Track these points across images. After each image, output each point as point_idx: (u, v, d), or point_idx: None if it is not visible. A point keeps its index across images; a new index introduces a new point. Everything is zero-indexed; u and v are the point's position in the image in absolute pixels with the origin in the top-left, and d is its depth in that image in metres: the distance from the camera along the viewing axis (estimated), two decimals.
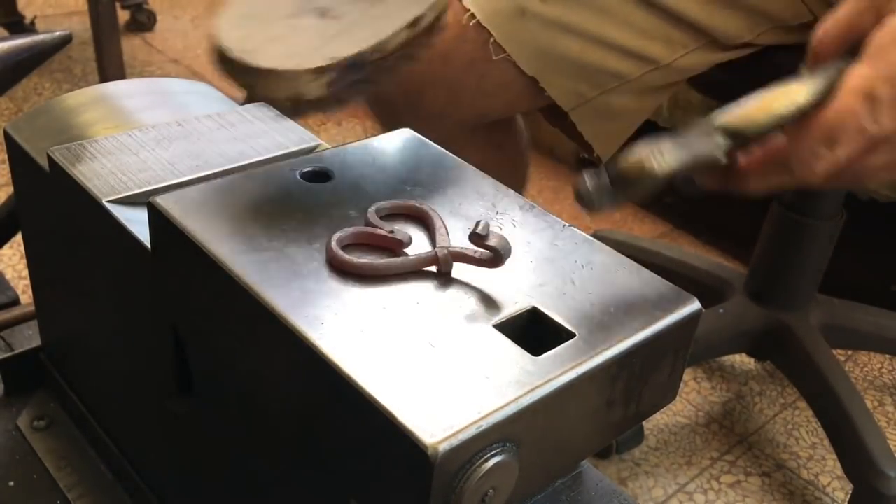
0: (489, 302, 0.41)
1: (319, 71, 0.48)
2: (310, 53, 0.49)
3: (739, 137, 0.45)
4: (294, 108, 0.49)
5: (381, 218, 0.45)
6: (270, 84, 0.49)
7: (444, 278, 0.42)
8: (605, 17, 0.84)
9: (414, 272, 0.42)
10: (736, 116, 0.45)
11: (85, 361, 0.62)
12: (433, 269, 0.42)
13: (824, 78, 0.46)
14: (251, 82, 0.49)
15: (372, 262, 0.42)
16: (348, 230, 0.43)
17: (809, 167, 0.47)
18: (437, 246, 0.43)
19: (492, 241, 0.41)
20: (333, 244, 0.42)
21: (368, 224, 0.44)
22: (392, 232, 0.43)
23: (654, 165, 0.42)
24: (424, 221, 0.46)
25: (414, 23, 0.51)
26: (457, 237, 0.45)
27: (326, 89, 0.48)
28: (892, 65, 0.46)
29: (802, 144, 0.47)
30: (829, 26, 0.50)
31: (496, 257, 0.42)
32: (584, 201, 0.44)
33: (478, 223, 0.41)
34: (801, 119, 0.46)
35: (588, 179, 0.43)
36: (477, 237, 0.41)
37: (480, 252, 0.42)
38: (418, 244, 0.44)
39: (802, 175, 0.48)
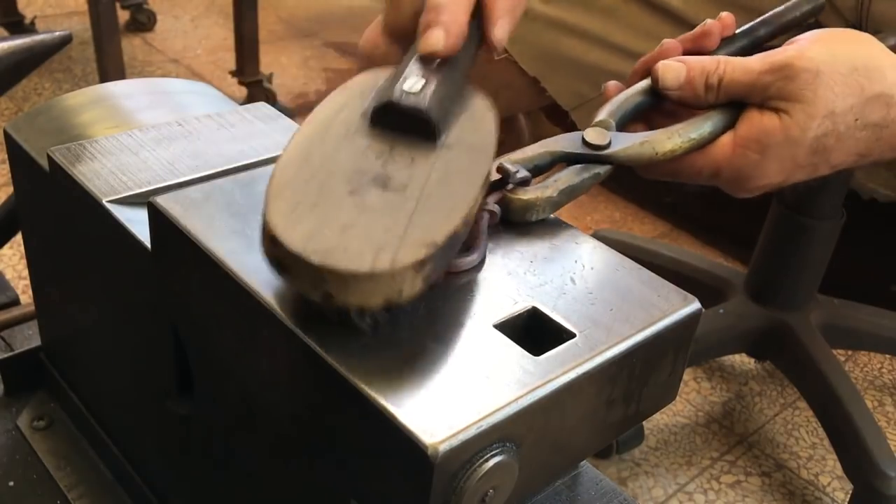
0: (489, 302, 0.41)
1: (420, 265, 0.37)
2: (398, 242, 0.38)
3: (619, 166, 0.53)
4: (382, 311, 0.38)
5: None
6: (364, 289, 0.37)
7: (445, 278, 0.42)
8: (607, 17, 0.84)
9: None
10: (627, 154, 0.53)
11: (85, 361, 0.62)
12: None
13: (709, 128, 0.54)
14: (336, 290, 0.37)
15: (464, 256, 0.43)
16: None
17: (648, 177, 0.57)
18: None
19: (520, 175, 0.47)
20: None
21: None
22: None
23: (534, 210, 0.47)
24: None
25: (486, 181, 0.43)
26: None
27: (423, 284, 0.38)
28: (745, 161, 0.54)
29: (654, 171, 0.55)
30: (725, 85, 0.55)
31: (525, 182, 0.47)
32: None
33: (501, 164, 0.48)
34: (670, 159, 0.54)
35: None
36: (505, 172, 0.47)
37: (510, 187, 0.47)
38: None
39: (642, 175, 0.57)
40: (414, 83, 0.45)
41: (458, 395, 0.35)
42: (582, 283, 0.43)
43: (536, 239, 0.46)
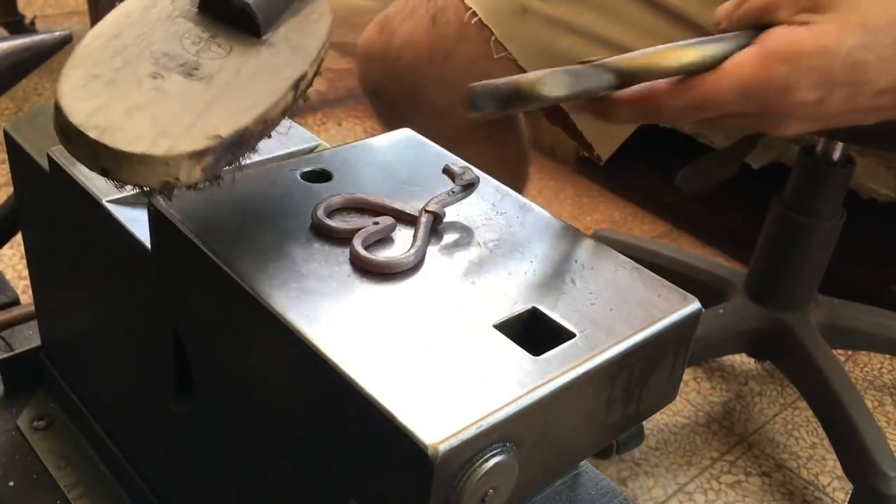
0: (489, 302, 0.41)
1: (198, 155, 0.38)
2: (183, 130, 0.38)
3: (626, 78, 0.49)
4: (162, 193, 0.39)
5: (329, 215, 0.45)
6: (137, 170, 0.37)
7: (445, 278, 0.42)
8: (607, 16, 0.84)
9: (416, 271, 0.42)
10: (627, 60, 0.48)
11: (85, 361, 0.62)
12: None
13: (719, 46, 0.50)
14: (111, 167, 0.37)
15: (395, 257, 0.42)
16: (371, 229, 0.44)
17: (676, 118, 0.52)
18: (423, 208, 0.45)
19: (466, 176, 0.47)
20: (358, 246, 0.42)
21: (319, 224, 0.44)
22: (377, 223, 0.44)
23: (545, 88, 0.45)
24: (377, 209, 0.46)
25: (296, 84, 0.42)
26: (461, 236, 0.45)
27: (203, 174, 0.38)
28: (774, 74, 0.49)
29: (676, 101, 0.51)
30: (743, 7, 0.52)
31: (470, 185, 0.47)
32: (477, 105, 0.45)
33: (446, 167, 0.47)
34: (683, 78, 0.50)
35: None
36: (456, 175, 0.47)
37: (457, 189, 0.47)
38: (401, 230, 0.45)
39: (668, 120, 0.53)
40: None
41: (458, 395, 0.35)
42: (582, 283, 0.43)
43: (536, 239, 0.46)
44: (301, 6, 0.46)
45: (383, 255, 0.42)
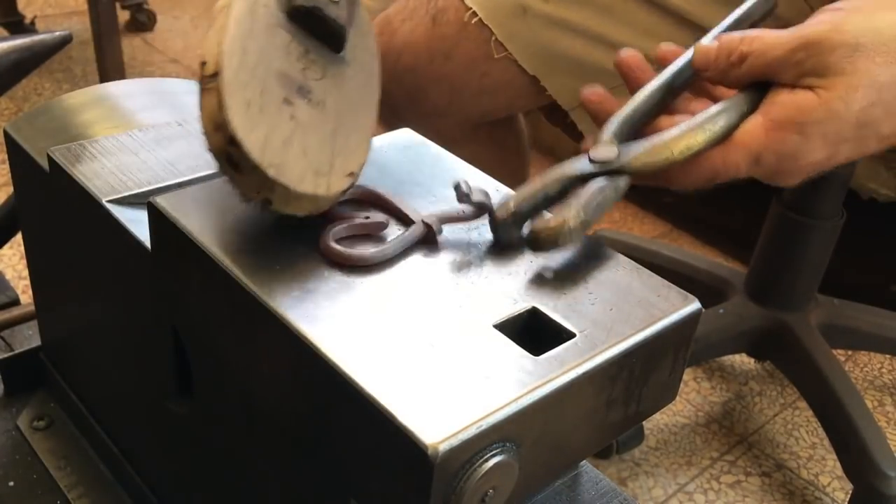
0: (489, 302, 0.41)
1: (344, 192, 0.43)
2: (328, 167, 0.41)
3: (639, 177, 0.49)
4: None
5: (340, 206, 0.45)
6: (297, 205, 0.41)
7: (445, 278, 0.42)
8: (607, 16, 0.84)
9: (415, 271, 0.42)
10: (640, 160, 0.49)
11: (85, 361, 0.62)
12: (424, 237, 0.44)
13: (723, 120, 0.50)
14: (276, 200, 0.40)
15: (372, 251, 0.42)
16: (333, 226, 0.43)
17: (687, 188, 0.52)
18: (423, 215, 0.45)
19: (476, 197, 0.44)
20: (329, 238, 0.42)
21: (339, 217, 0.44)
22: (368, 217, 0.44)
23: (566, 235, 0.44)
24: (382, 205, 0.46)
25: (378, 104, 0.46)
26: (461, 236, 0.45)
27: (337, 199, 0.43)
28: (785, 144, 0.50)
29: (688, 178, 0.51)
30: (751, 59, 0.51)
31: (481, 209, 0.45)
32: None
33: (457, 184, 0.44)
34: (692, 157, 0.50)
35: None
36: (464, 196, 0.44)
37: (465, 208, 0.45)
38: (395, 226, 0.45)
39: (677, 188, 0.53)
40: None
41: (458, 395, 0.35)
42: (582, 283, 0.43)
43: None
44: (355, 15, 0.46)
45: (355, 249, 0.42)
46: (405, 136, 0.54)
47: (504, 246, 0.45)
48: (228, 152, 0.39)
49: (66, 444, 0.64)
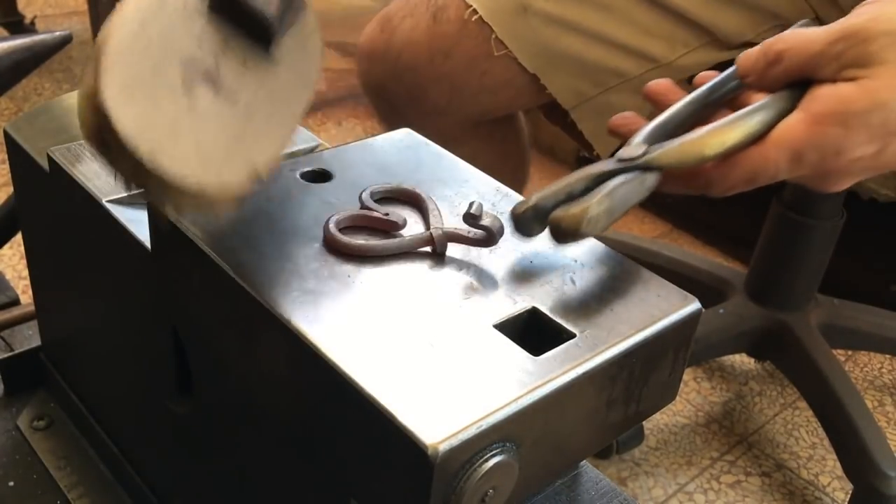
0: (489, 302, 0.41)
1: (243, 192, 0.39)
2: (224, 161, 0.38)
3: (671, 177, 0.48)
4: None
5: (376, 201, 0.45)
6: (179, 197, 0.37)
7: (445, 278, 0.42)
8: (607, 14, 0.84)
9: (415, 271, 0.42)
10: (670, 154, 0.47)
11: (85, 361, 0.62)
12: (428, 249, 0.44)
13: (761, 118, 0.48)
14: (153, 188, 0.36)
15: (366, 242, 0.42)
16: (346, 213, 0.43)
17: (725, 193, 0.50)
18: (432, 227, 0.44)
19: (485, 221, 0.43)
20: (331, 225, 0.42)
21: (364, 207, 0.44)
22: (387, 214, 0.44)
23: (588, 222, 0.43)
24: (418, 205, 0.46)
25: (305, 111, 0.42)
26: (452, 224, 0.45)
27: (235, 205, 0.39)
28: (827, 138, 0.48)
29: (725, 179, 0.49)
30: (788, 56, 0.50)
31: (489, 237, 0.43)
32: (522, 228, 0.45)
33: (471, 204, 0.43)
34: (728, 155, 0.48)
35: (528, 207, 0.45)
36: (471, 217, 0.43)
37: (474, 232, 0.43)
38: (414, 227, 0.45)
39: (717, 195, 0.51)
40: None
41: (458, 395, 0.35)
42: (582, 283, 0.43)
43: (537, 239, 0.46)
44: (295, 16, 0.44)
45: (355, 239, 0.43)
46: (405, 136, 0.54)
47: (524, 237, 0.45)
48: (97, 126, 0.36)
49: (66, 444, 0.64)
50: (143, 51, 0.37)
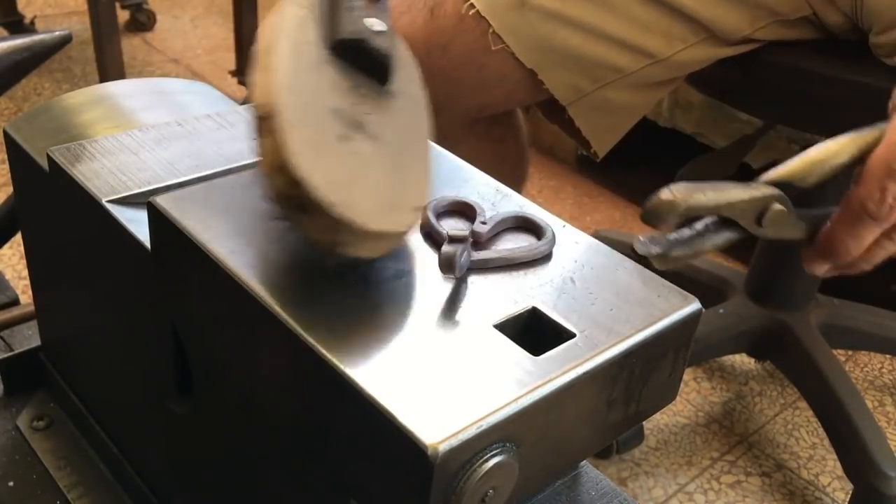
0: (489, 302, 0.41)
1: (413, 227, 0.42)
2: (395, 200, 0.40)
3: (785, 189, 0.48)
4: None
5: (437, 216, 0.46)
6: (368, 244, 0.39)
7: (445, 278, 0.42)
8: (605, 9, 0.84)
9: (415, 272, 0.42)
10: (779, 171, 0.48)
11: (85, 361, 0.62)
12: (428, 249, 0.44)
13: (868, 133, 0.49)
14: (346, 241, 0.38)
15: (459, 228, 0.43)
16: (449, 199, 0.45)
17: (881, 205, 0.49)
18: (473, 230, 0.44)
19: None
20: (431, 214, 0.43)
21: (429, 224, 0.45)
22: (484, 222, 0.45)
23: (698, 197, 0.45)
24: (469, 216, 0.47)
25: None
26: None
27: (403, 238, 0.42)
28: None
29: (867, 186, 0.49)
30: None
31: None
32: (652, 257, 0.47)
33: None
34: (859, 167, 0.48)
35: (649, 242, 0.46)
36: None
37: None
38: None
39: (881, 219, 0.50)
40: (377, 23, 0.43)
41: (458, 395, 0.35)
42: (582, 283, 0.43)
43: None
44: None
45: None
46: None
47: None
48: (292, 194, 0.37)
49: (66, 444, 0.64)
50: (304, 111, 0.38)
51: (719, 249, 0.48)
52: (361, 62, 0.43)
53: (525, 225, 0.46)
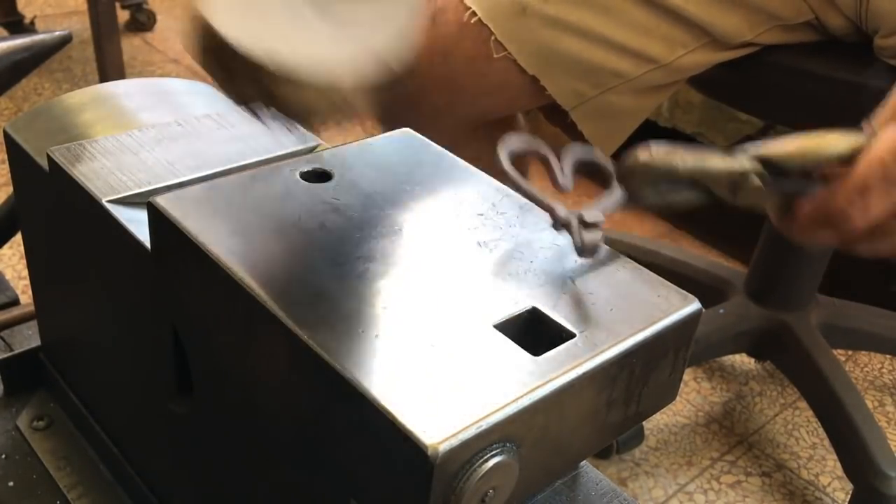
0: (489, 302, 0.41)
1: (371, 77, 0.37)
2: (342, 50, 0.37)
3: (769, 167, 0.47)
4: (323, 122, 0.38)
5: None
6: (316, 102, 0.36)
7: (445, 278, 0.42)
8: (606, 15, 0.84)
9: (415, 272, 0.42)
10: (769, 149, 0.47)
11: (85, 361, 0.62)
12: (428, 250, 0.44)
13: (864, 135, 0.48)
14: (286, 97, 0.36)
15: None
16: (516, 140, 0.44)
17: (846, 216, 0.48)
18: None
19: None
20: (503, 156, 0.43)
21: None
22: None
23: (675, 161, 0.44)
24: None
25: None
26: (461, 236, 0.45)
27: (372, 98, 0.38)
28: None
29: (838, 194, 0.48)
30: None
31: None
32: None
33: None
34: (839, 169, 0.47)
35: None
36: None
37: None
38: None
39: (842, 226, 0.48)
40: None
41: (458, 395, 0.35)
42: (582, 283, 0.43)
43: (536, 239, 0.46)
44: None
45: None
46: (405, 136, 0.54)
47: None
48: (209, 45, 0.36)
49: (66, 444, 0.64)
50: None
51: (682, 209, 0.47)
52: None
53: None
